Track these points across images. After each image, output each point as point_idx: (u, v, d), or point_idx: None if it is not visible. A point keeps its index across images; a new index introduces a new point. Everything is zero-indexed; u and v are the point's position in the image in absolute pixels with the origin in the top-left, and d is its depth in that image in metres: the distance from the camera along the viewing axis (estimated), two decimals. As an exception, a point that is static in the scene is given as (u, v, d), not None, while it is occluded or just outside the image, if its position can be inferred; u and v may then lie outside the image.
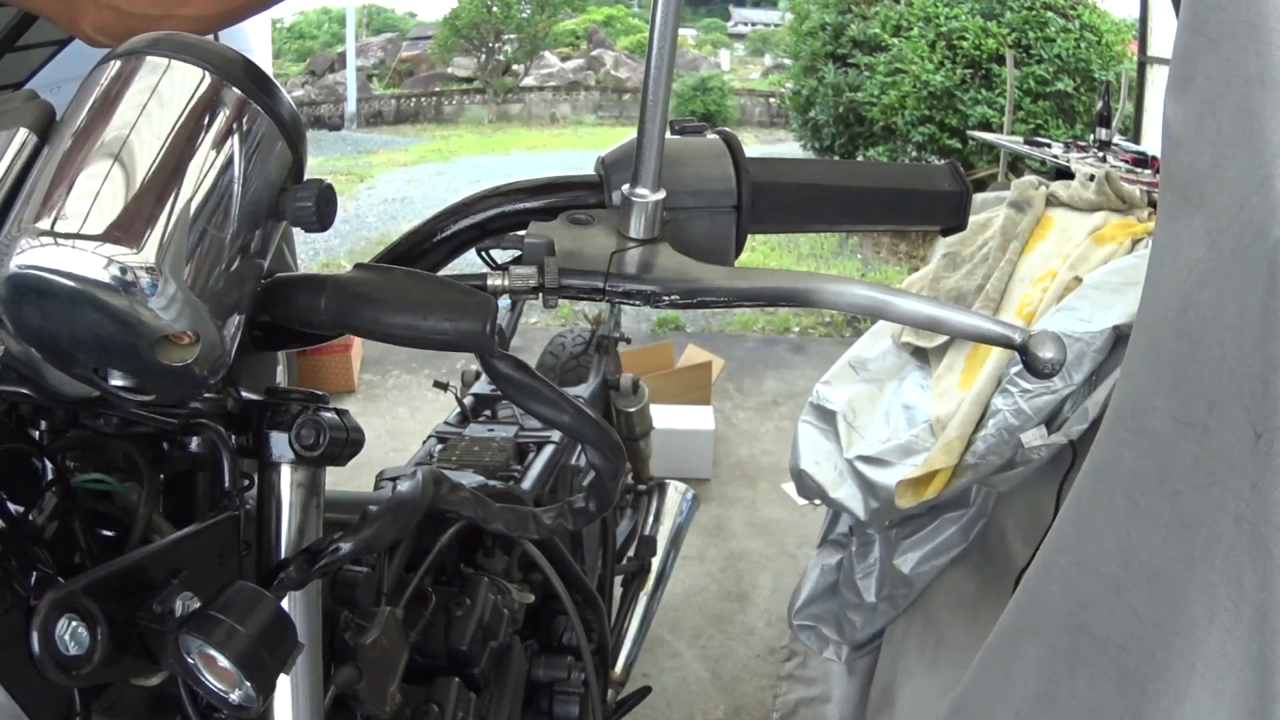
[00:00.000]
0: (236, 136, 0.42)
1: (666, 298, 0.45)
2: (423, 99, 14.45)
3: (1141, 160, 3.12)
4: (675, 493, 2.12)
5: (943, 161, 0.56)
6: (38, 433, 0.56)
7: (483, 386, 1.59)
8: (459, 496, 0.54)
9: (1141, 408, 0.67)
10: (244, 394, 0.55)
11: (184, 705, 0.52)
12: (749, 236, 0.52)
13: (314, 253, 6.10)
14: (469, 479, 1.12)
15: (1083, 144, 3.73)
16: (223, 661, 0.43)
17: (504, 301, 0.48)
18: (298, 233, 0.54)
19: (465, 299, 0.44)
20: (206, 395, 0.53)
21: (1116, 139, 3.57)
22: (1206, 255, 0.58)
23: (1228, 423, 0.58)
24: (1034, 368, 0.43)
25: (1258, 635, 0.58)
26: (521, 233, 0.48)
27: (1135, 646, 0.67)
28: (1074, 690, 0.74)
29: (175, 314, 0.40)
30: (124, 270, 0.38)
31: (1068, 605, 0.75)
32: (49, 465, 0.52)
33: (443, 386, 1.68)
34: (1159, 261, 0.65)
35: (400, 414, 3.60)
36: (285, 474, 0.55)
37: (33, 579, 0.46)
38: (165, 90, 0.42)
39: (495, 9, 15.01)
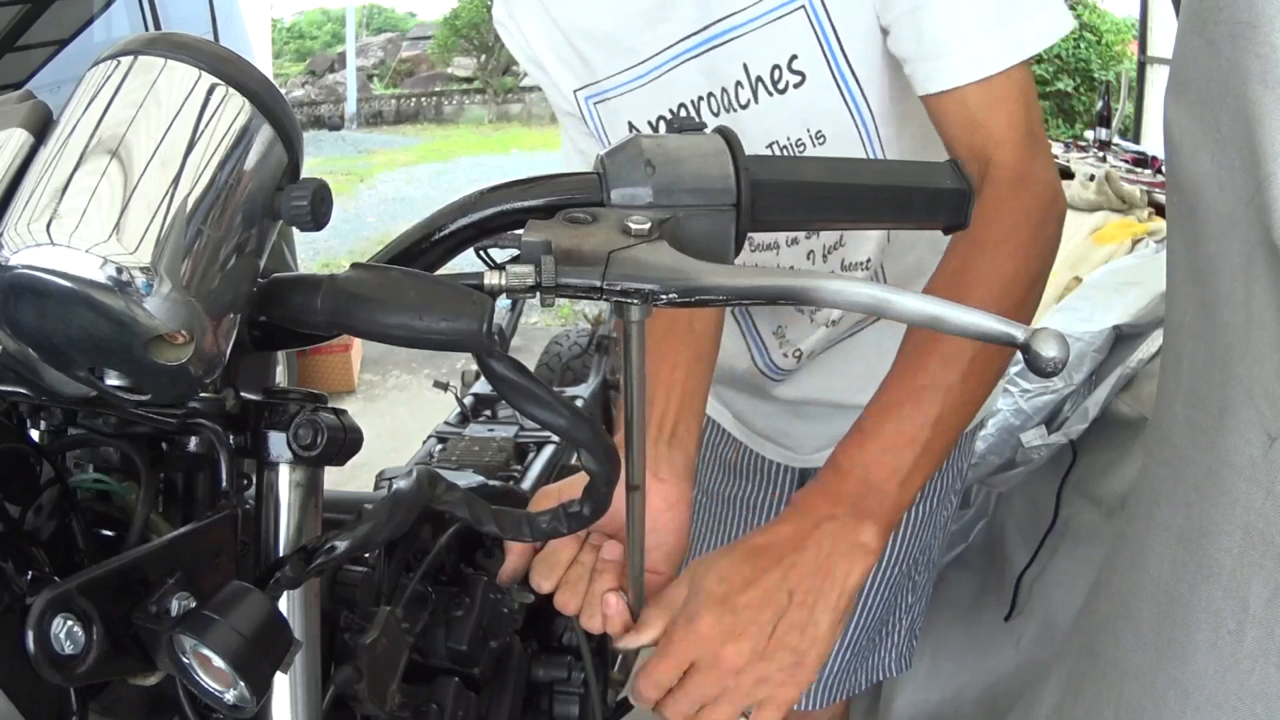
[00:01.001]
0: (232, 136, 0.42)
1: (664, 296, 0.45)
2: (423, 99, 14.46)
3: (1141, 160, 3.12)
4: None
5: (944, 159, 0.56)
6: (36, 433, 0.56)
7: (483, 386, 1.59)
8: (453, 497, 0.54)
9: (1164, 416, 0.65)
10: (242, 394, 0.55)
11: (182, 705, 0.51)
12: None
13: (314, 252, 6.10)
14: (468, 479, 1.12)
15: (1083, 144, 3.72)
16: (217, 661, 0.43)
17: (504, 301, 0.47)
18: (297, 231, 0.54)
19: (462, 298, 0.43)
20: (204, 395, 0.53)
21: (1116, 139, 3.57)
22: (1215, 257, 0.58)
23: (1238, 428, 0.56)
24: (1037, 366, 0.42)
25: (1262, 659, 0.55)
26: (519, 231, 0.48)
27: (1135, 671, 0.65)
28: (1075, 716, 0.72)
29: (170, 313, 0.40)
30: (119, 270, 0.38)
31: (1087, 626, 0.73)
32: (47, 465, 0.52)
33: (443, 386, 1.69)
34: (1173, 266, 0.65)
35: (400, 414, 3.61)
36: (283, 474, 0.55)
37: (29, 578, 0.46)
38: (161, 90, 0.41)
39: (495, 9, 14.98)
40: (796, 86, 0.80)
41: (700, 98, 0.85)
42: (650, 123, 0.89)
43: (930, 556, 1.19)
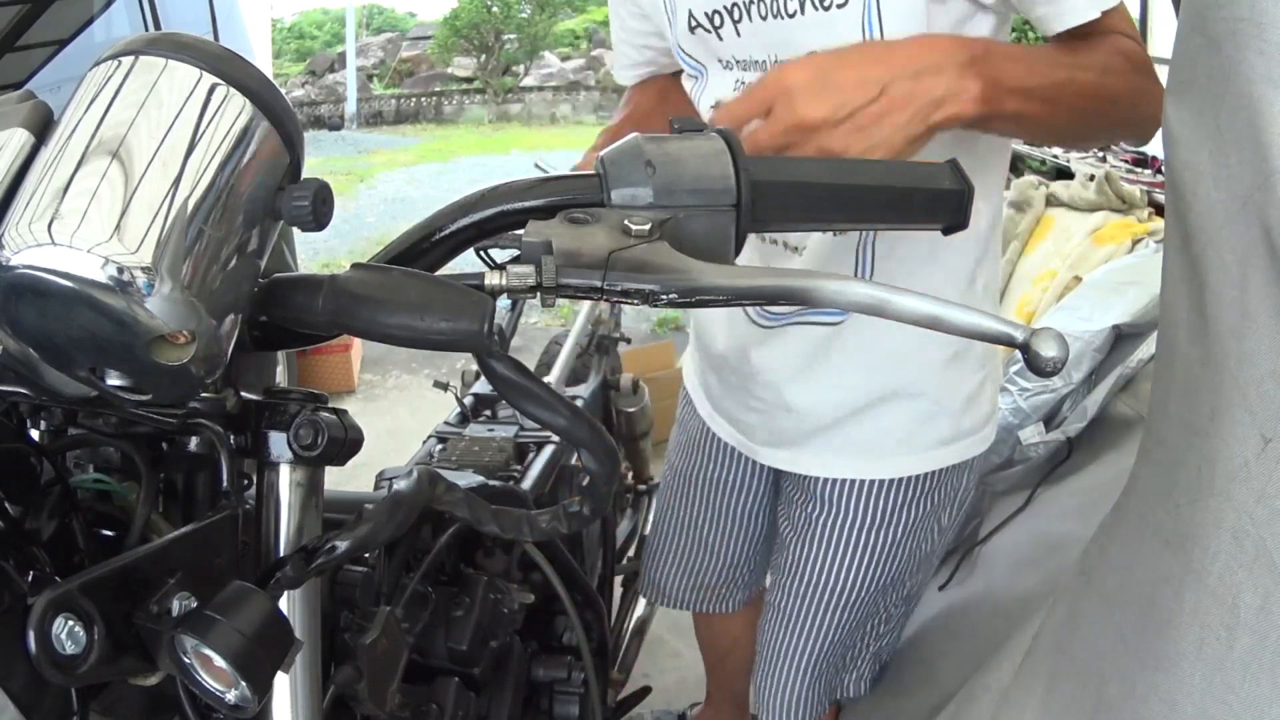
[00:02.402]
0: (233, 136, 0.42)
1: (665, 296, 0.45)
2: (423, 99, 14.46)
3: (1141, 160, 3.12)
4: (675, 492, 2.12)
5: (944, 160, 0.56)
6: (36, 433, 0.56)
7: (483, 386, 1.59)
8: (453, 497, 0.54)
9: (1159, 416, 0.64)
10: (243, 394, 0.55)
11: (182, 705, 0.52)
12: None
13: (314, 252, 6.10)
14: (468, 479, 1.12)
15: (1083, 143, 3.72)
16: (218, 661, 0.43)
17: (504, 301, 0.47)
18: (297, 232, 0.54)
19: (462, 299, 0.44)
20: (205, 395, 0.53)
21: (1116, 139, 3.56)
22: (1210, 255, 0.57)
23: (1230, 429, 0.55)
24: (1036, 366, 0.43)
25: (1255, 667, 0.54)
26: (520, 232, 0.48)
27: (1117, 675, 0.63)
28: (1052, 715, 0.71)
29: (171, 313, 0.40)
30: (120, 270, 0.38)
31: (1061, 625, 0.72)
32: (48, 465, 0.52)
33: (443, 386, 1.68)
34: (1168, 264, 0.64)
35: (400, 414, 3.60)
36: (284, 474, 0.55)
37: (30, 578, 0.46)
38: (162, 90, 0.42)
39: (495, 9, 15.02)
40: (840, 7, 0.84)
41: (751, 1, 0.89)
42: (706, 14, 0.93)
43: (908, 591, 1.18)
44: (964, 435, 1.06)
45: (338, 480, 0.65)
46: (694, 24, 0.95)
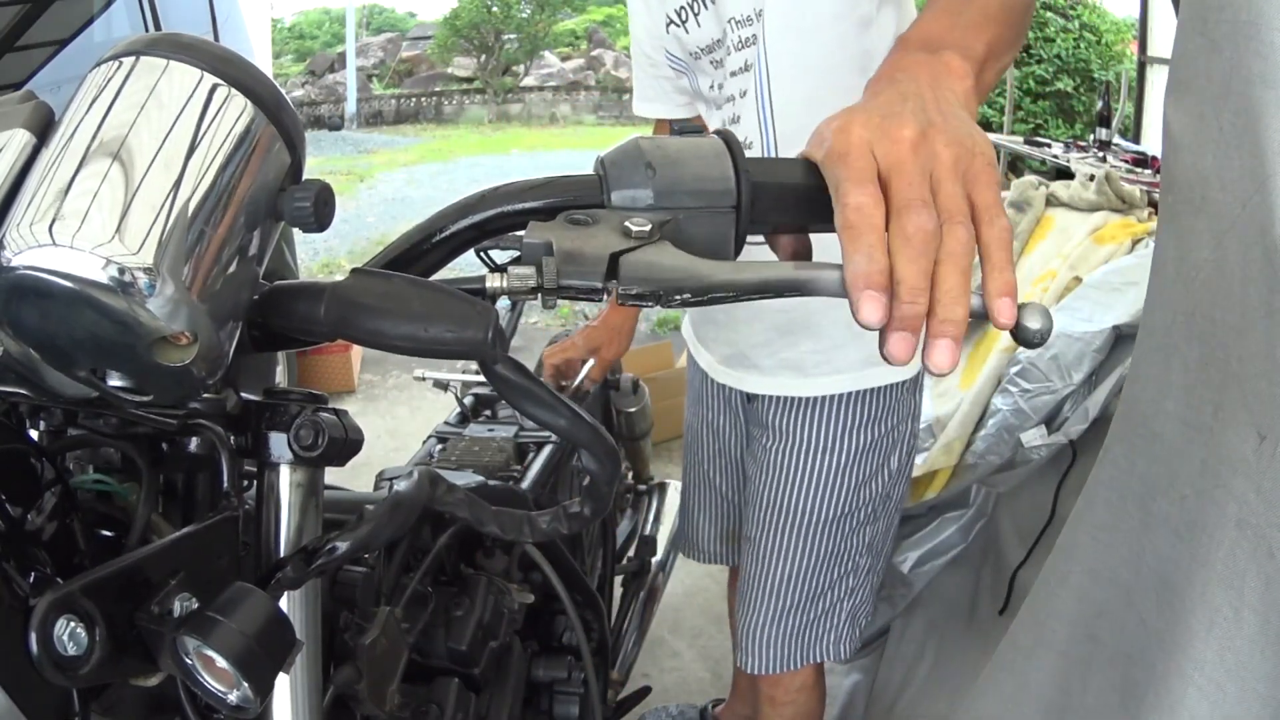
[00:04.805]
0: (234, 137, 0.42)
1: (679, 296, 0.45)
2: (423, 99, 14.46)
3: (1141, 160, 3.12)
4: (675, 492, 2.12)
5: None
6: (36, 433, 0.56)
7: (483, 386, 1.59)
8: (454, 497, 0.54)
9: (1152, 413, 0.66)
10: (243, 394, 0.55)
11: (183, 706, 0.52)
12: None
13: (313, 252, 6.10)
14: (468, 479, 1.12)
15: (1083, 144, 3.73)
16: (220, 662, 0.43)
17: (504, 302, 0.47)
18: (297, 232, 0.54)
19: (467, 309, 0.44)
20: (205, 396, 0.53)
21: (1116, 139, 3.57)
22: (1211, 256, 0.58)
23: (1232, 425, 0.57)
24: (1023, 339, 0.44)
25: (1259, 643, 0.56)
26: (520, 233, 0.48)
27: (1141, 657, 0.66)
28: (1084, 702, 0.73)
29: (173, 314, 0.40)
30: (122, 271, 0.38)
31: (1083, 614, 0.74)
32: (48, 466, 0.52)
33: (443, 386, 1.68)
34: (1162, 264, 0.65)
35: (400, 414, 3.60)
36: (284, 474, 0.55)
37: (31, 579, 0.46)
38: (163, 91, 0.42)
39: (495, 9, 15.02)
40: None
41: None
42: (676, 10, 1.11)
43: (868, 541, 1.23)
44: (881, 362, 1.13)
45: (338, 480, 0.65)
46: (669, 22, 1.12)
